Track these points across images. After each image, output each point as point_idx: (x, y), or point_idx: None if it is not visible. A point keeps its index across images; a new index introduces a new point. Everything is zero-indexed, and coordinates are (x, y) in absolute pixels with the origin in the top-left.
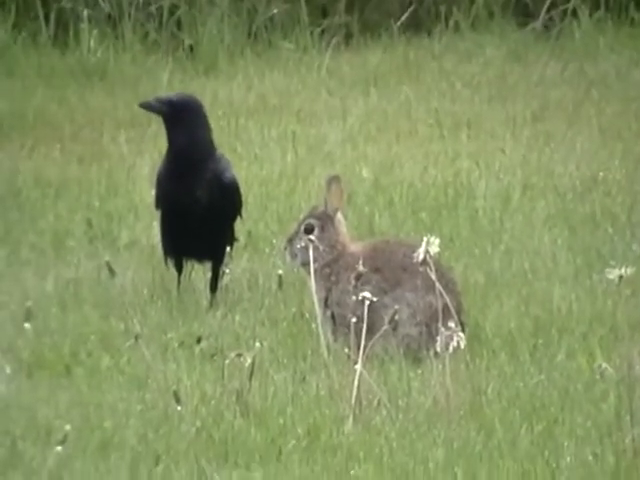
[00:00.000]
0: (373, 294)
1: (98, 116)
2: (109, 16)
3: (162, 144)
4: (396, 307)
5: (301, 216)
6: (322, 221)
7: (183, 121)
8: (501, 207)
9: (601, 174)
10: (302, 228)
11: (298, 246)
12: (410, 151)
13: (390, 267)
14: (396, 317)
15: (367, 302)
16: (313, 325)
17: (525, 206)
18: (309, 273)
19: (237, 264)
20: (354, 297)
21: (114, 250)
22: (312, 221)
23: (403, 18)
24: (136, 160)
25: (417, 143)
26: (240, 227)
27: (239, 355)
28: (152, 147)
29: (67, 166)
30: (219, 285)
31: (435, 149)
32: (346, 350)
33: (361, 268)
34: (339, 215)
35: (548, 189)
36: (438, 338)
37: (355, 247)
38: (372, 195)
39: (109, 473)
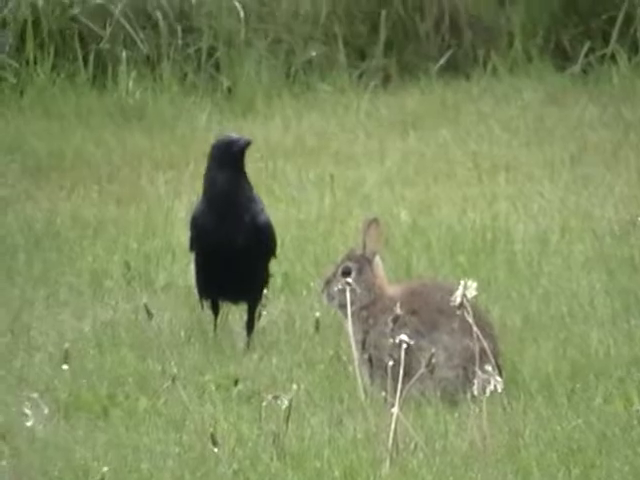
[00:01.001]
0: (410, 337)
1: (136, 157)
2: (147, 58)
3: (199, 185)
4: (433, 350)
5: (339, 258)
6: (360, 264)
7: (224, 162)
8: (539, 250)
9: (639, 218)
10: (340, 271)
11: (335, 289)
12: (448, 194)
13: (427, 310)
14: (433, 360)
15: (404, 345)
16: (350, 368)
17: (563, 249)
18: (346, 316)
19: (274, 306)
20: (391, 340)
21: (151, 292)
22: (350, 264)
23: (441, 61)
24: (174, 201)
25: (455, 186)
26: (277, 269)
27: (276, 397)
28: (190, 188)
29: (105, 207)
30: (255, 327)
31: (473, 192)
32: (383, 393)
33: (398, 311)
34: (377, 258)
35: (586, 232)
36: (475, 381)
37: (393, 290)
38: (409, 238)
39: None
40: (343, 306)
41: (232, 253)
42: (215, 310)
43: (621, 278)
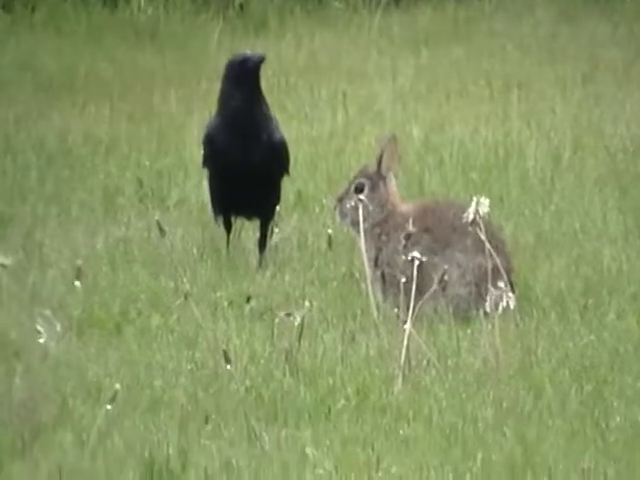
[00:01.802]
0: (423, 254)
1: (148, 75)
2: None
3: (212, 103)
4: (445, 267)
5: (352, 175)
6: (373, 181)
7: (240, 79)
8: (551, 167)
9: None
10: (352, 187)
11: (348, 205)
12: (460, 111)
13: (440, 227)
14: (445, 277)
15: (417, 262)
16: (362, 285)
17: (575, 166)
18: (359, 232)
19: (287, 223)
20: (403, 257)
21: (164, 209)
22: (363, 180)
23: None
24: (186, 119)
25: (467, 103)
26: (290, 187)
27: (288, 315)
28: (202, 106)
29: (117, 125)
30: (268, 244)
31: (485, 109)
32: (395, 310)
33: (411, 228)
34: (390, 175)
35: (598, 149)
36: (488, 298)
37: (405, 207)
38: (422, 154)
39: (158, 431)
40: (356, 223)
41: (247, 170)
42: (228, 227)
43: (633, 195)
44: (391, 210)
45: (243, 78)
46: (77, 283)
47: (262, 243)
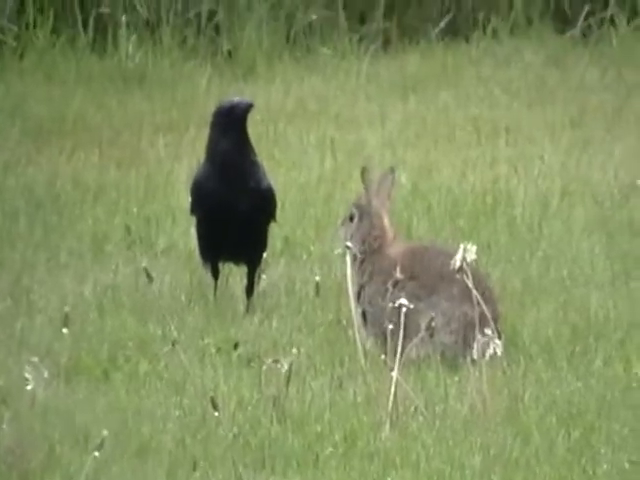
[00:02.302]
0: (408, 300)
1: (136, 121)
2: (147, 22)
3: (200, 148)
4: (432, 314)
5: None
6: (360, 211)
7: (228, 126)
8: (539, 213)
9: (639, 181)
10: (347, 215)
11: (340, 232)
12: (448, 157)
13: (427, 273)
14: (433, 324)
15: (404, 309)
16: (350, 332)
17: (563, 213)
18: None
19: (274, 270)
20: (390, 304)
21: (152, 255)
22: (354, 209)
23: (442, 24)
24: (174, 165)
25: (455, 149)
26: (277, 233)
27: (276, 361)
28: (190, 152)
29: (106, 170)
30: (255, 290)
31: (473, 155)
32: (383, 357)
33: (398, 275)
34: (382, 210)
35: (586, 196)
36: (475, 345)
37: (393, 249)
38: (410, 201)
39: (146, 478)
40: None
41: (234, 217)
42: (215, 274)
43: (620, 241)
44: (377, 247)
45: (231, 125)
46: (65, 330)
47: (250, 289)
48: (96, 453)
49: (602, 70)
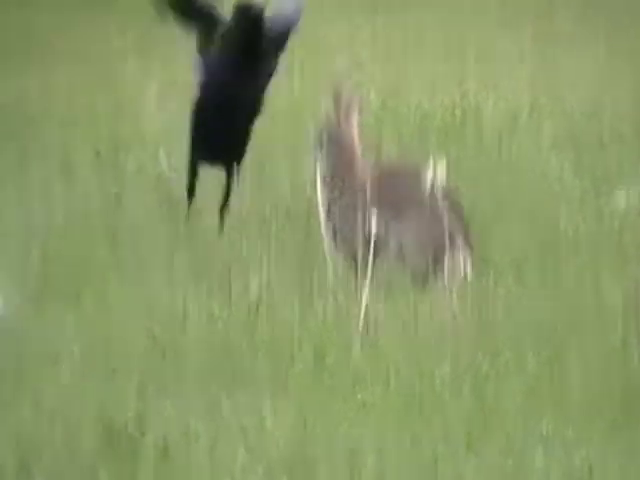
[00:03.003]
0: (377, 222)
1: (106, 43)
2: None
3: (170, 70)
4: (403, 236)
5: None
6: (331, 131)
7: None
8: (508, 128)
9: (608, 96)
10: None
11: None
12: (417, 74)
13: (397, 194)
14: (403, 242)
15: (373, 232)
16: (320, 250)
17: (532, 127)
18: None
19: (246, 191)
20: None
21: (121, 178)
22: (322, 130)
23: None
24: (144, 85)
25: (424, 66)
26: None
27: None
28: (160, 72)
29: (75, 94)
30: (228, 203)
31: (442, 71)
32: (352, 278)
33: (368, 195)
34: (350, 129)
35: (556, 110)
36: (445, 262)
37: (362, 168)
38: (380, 117)
39: (116, 394)
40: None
41: (239, 106)
42: (192, 189)
43: (590, 156)
44: (347, 166)
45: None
46: (35, 254)
47: (226, 195)
48: (67, 370)
49: None
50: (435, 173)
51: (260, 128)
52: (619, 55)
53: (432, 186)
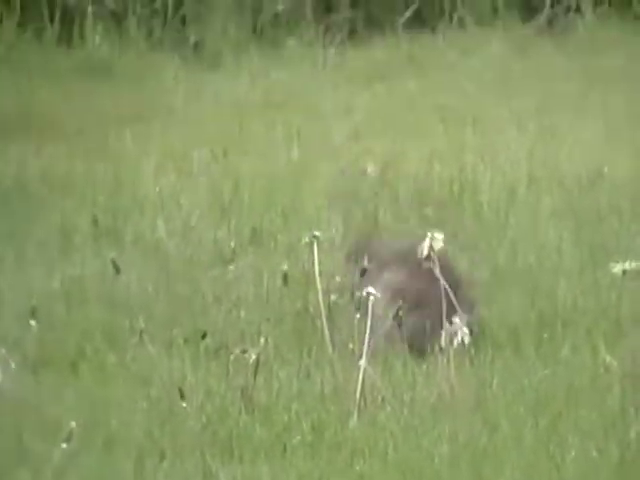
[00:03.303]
0: (375, 290)
1: (104, 113)
2: (114, 13)
3: (167, 140)
4: (400, 303)
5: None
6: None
7: None
8: (506, 201)
9: (606, 168)
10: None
11: None
12: (415, 146)
13: (395, 262)
14: (400, 313)
15: (371, 298)
16: (317, 321)
17: (530, 200)
18: None
19: (242, 260)
20: (358, 293)
21: (119, 247)
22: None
23: (407, 14)
24: (141, 156)
25: (422, 138)
26: (245, 222)
27: (244, 351)
28: (157, 143)
29: (73, 163)
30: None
31: (440, 144)
32: (350, 346)
33: (365, 264)
34: None
35: (553, 183)
36: (442, 333)
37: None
38: (377, 190)
39: (114, 469)
40: None
41: None
42: None
43: (588, 228)
44: None
45: None
46: (32, 322)
47: None
48: (64, 445)
49: (567, 58)
50: (432, 244)
51: (257, 194)
52: (617, 128)
53: (429, 256)
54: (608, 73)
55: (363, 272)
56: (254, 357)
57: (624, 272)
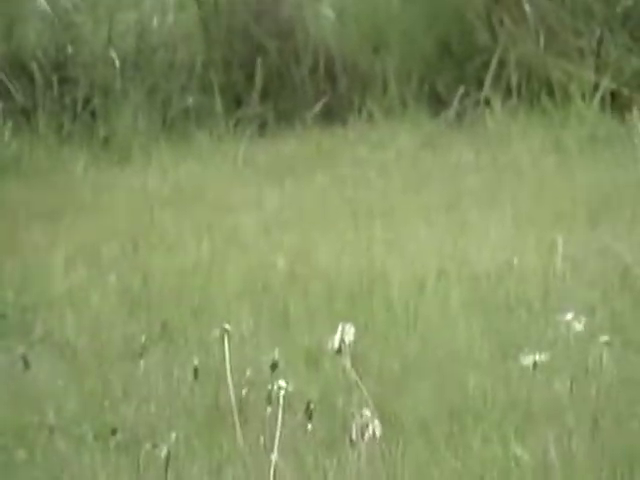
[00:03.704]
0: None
1: (12, 208)
2: (23, 109)
3: (77, 235)
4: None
5: None
6: None
7: None
8: (416, 294)
9: (516, 259)
10: None
11: None
12: (325, 240)
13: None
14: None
15: (282, 392)
16: (228, 416)
17: (440, 292)
18: None
19: (152, 355)
20: (269, 386)
21: (28, 343)
22: None
23: (317, 108)
24: (51, 251)
25: (332, 231)
26: (155, 317)
27: (155, 446)
28: (67, 238)
29: None
30: None
31: (349, 237)
32: (262, 439)
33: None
34: None
35: (463, 275)
36: (353, 426)
37: None
38: (287, 285)
39: None
40: None
41: None
42: None
43: (497, 320)
44: None
45: None
46: None
47: None
48: None
49: (476, 152)
50: (342, 337)
51: (167, 288)
52: (525, 220)
53: (339, 348)
54: (517, 166)
55: (274, 366)
56: (165, 452)
57: (534, 364)
